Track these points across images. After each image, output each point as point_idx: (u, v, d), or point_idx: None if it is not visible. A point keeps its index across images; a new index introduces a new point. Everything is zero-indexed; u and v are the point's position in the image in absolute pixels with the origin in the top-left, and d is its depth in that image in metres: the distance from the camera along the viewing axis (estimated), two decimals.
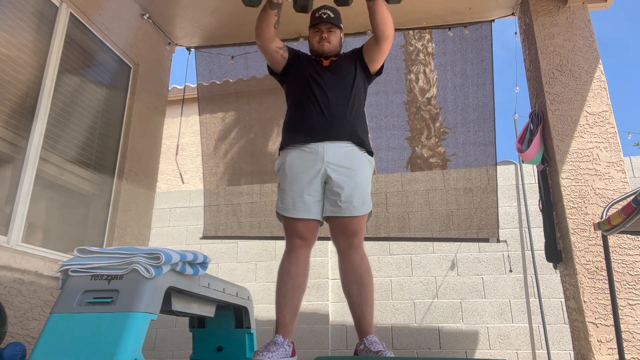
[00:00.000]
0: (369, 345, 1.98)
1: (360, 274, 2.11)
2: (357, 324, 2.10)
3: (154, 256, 1.60)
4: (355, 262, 2.13)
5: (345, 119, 2.22)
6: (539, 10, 3.46)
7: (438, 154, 4.68)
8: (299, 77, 2.33)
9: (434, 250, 4.73)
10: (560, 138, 3.13)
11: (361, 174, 2.19)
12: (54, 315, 1.54)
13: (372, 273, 2.16)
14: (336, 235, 2.18)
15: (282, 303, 2.08)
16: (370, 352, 1.95)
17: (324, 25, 2.39)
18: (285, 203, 2.17)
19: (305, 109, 2.25)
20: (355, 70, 2.35)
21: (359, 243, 2.16)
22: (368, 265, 2.16)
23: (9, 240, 2.63)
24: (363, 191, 2.18)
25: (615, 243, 2.85)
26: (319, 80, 2.28)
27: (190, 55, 4.38)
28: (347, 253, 2.15)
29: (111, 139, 3.57)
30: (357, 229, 2.15)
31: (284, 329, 2.05)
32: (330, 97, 2.24)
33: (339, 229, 2.16)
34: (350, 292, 2.12)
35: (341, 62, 2.37)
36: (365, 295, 2.09)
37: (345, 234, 2.15)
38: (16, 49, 2.79)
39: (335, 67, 2.33)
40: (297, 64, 2.38)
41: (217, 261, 5.14)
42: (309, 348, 4.58)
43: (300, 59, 2.40)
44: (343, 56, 2.41)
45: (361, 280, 2.10)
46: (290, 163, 2.20)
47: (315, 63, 2.36)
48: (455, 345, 4.44)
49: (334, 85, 2.27)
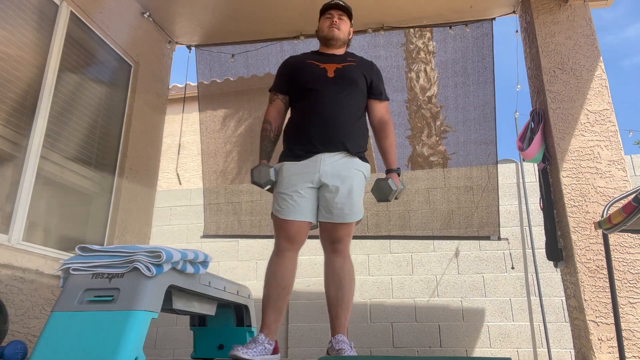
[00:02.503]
0: (335, 344, 2.06)
1: (340, 276, 2.17)
2: (331, 323, 2.17)
3: (155, 255, 1.60)
4: (337, 265, 2.19)
5: (346, 131, 2.22)
6: (540, 8, 3.45)
7: (439, 152, 4.67)
8: (301, 88, 2.32)
9: (434, 249, 4.73)
10: (561, 136, 3.13)
11: (354, 183, 2.20)
12: (55, 313, 1.54)
13: (353, 277, 2.22)
14: (323, 239, 2.24)
15: (267, 304, 2.14)
16: (334, 351, 2.02)
17: (336, 11, 2.41)
18: (279, 204, 2.20)
19: (306, 123, 2.25)
20: (361, 81, 2.34)
21: (344, 249, 2.21)
22: (350, 269, 2.20)
23: (10, 238, 2.63)
24: (355, 199, 2.20)
25: (616, 241, 2.85)
26: (321, 92, 2.25)
27: (191, 54, 4.38)
28: (331, 256, 2.22)
29: (112, 138, 3.58)
30: (344, 235, 2.20)
31: (267, 329, 2.10)
32: (331, 110, 2.22)
33: (326, 233, 2.21)
34: (329, 292, 2.19)
35: (349, 70, 2.33)
36: (341, 297, 2.15)
37: (331, 239, 2.20)
38: (17, 47, 2.79)
39: (341, 76, 2.30)
40: (296, 76, 2.35)
41: (217, 260, 5.14)
42: (310, 346, 4.59)
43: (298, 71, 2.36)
44: (354, 65, 2.37)
45: (340, 282, 2.16)
46: (288, 168, 2.23)
47: (319, 72, 2.31)
48: (456, 344, 4.44)
49: (336, 97, 2.25)
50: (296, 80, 2.35)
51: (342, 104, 2.24)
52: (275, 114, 2.39)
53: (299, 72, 2.36)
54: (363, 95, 2.35)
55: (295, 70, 2.38)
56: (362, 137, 2.30)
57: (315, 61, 2.37)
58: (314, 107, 2.24)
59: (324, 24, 2.42)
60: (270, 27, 4.10)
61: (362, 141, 2.29)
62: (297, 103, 2.34)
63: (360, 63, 2.40)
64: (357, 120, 2.30)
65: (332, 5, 2.43)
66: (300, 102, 2.32)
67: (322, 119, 2.21)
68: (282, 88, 2.41)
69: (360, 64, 2.40)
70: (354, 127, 2.26)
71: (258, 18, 3.98)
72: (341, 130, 2.21)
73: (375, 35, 4.09)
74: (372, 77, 2.39)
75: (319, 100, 2.24)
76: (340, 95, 2.26)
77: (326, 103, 2.23)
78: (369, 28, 4.06)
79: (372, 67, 2.44)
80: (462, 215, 3.91)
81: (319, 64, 2.34)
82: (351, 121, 2.25)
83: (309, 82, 2.29)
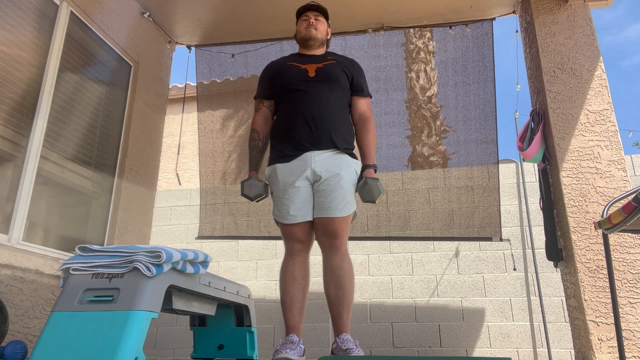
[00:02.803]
0: (340, 344, 2.04)
1: (339, 275, 2.15)
2: (334, 323, 2.16)
3: (155, 255, 1.60)
4: (335, 263, 2.17)
5: (332, 128, 2.24)
6: (540, 8, 3.45)
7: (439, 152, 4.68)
8: (285, 92, 2.34)
9: (434, 249, 4.73)
10: (561, 136, 3.13)
11: (345, 177, 2.21)
12: (55, 313, 1.54)
13: (353, 275, 2.20)
14: (319, 236, 2.22)
15: (291, 305, 2.14)
16: (340, 351, 2.01)
17: (312, 13, 2.45)
18: (281, 210, 2.21)
19: (290, 122, 2.26)
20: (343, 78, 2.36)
21: (341, 244, 2.19)
22: (349, 267, 2.19)
23: (10, 238, 2.63)
24: (346, 193, 2.20)
25: (616, 241, 2.85)
26: (305, 93, 2.27)
27: (191, 54, 4.38)
28: (329, 254, 2.20)
29: (112, 138, 3.58)
30: (339, 229, 2.18)
31: (296, 330, 2.12)
32: (315, 109, 2.24)
33: (321, 229, 2.20)
34: (329, 292, 2.17)
35: (330, 68, 2.35)
36: (342, 296, 2.14)
37: (327, 234, 2.18)
38: (17, 47, 2.79)
39: (322, 75, 2.32)
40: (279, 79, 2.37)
41: (217, 260, 5.14)
42: (310, 346, 4.59)
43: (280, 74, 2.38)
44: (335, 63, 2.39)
45: (340, 281, 2.14)
46: (281, 170, 2.24)
47: (300, 73, 2.34)
48: (456, 344, 4.44)
49: (319, 96, 2.27)
50: (279, 82, 2.37)
51: (326, 101, 2.26)
52: (262, 122, 2.41)
53: (280, 75, 2.38)
54: (346, 92, 2.36)
55: (276, 74, 2.40)
56: (349, 134, 2.32)
57: (296, 62, 2.39)
58: (298, 106, 2.26)
59: (301, 26, 2.46)
60: (270, 27, 4.11)
61: (349, 137, 2.31)
62: (281, 105, 2.35)
63: (340, 60, 2.42)
64: (343, 117, 2.31)
65: (307, 7, 2.47)
66: (284, 103, 2.33)
67: (307, 118, 2.23)
68: (266, 93, 2.43)
69: (340, 61, 2.42)
70: (340, 123, 2.28)
71: (258, 18, 3.98)
72: (328, 128, 2.23)
73: (375, 35, 4.10)
74: (354, 73, 2.41)
75: (303, 99, 2.26)
76: (324, 93, 2.27)
77: (310, 102, 2.25)
78: (369, 28, 4.07)
79: (353, 63, 2.45)
80: (463, 215, 3.90)
81: (300, 65, 2.37)
82: (337, 118, 2.27)
83: (291, 82, 2.31)
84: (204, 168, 4.38)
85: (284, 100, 2.33)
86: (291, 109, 2.28)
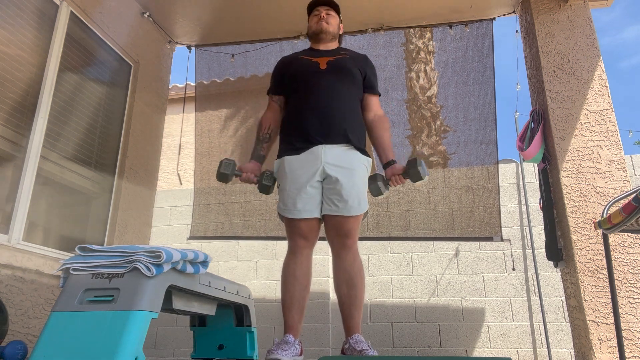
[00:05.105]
0: (353, 345, 1.99)
1: (351, 274, 2.11)
2: (345, 323, 2.12)
3: (155, 255, 1.60)
4: (347, 262, 2.12)
5: (343, 122, 2.20)
6: (540, 8, 3.45)
7: (439, 152, 4.67)
8: (295, 83, 2.32)
9: (434, 249, 4.73)
10: (561, 136, 3.13)
11: (358, 174, 2.17)
12: (55, 313, 1.54)
13: (364, 274, 2.16)
14: (330, 235, 2.17)
15: (291, 305, 2.10)
16: (354, 351, 1.97)
17: (323, 7, 2.44)
18: (286, 204, 2.16)
19: (302, 115, 2.23)
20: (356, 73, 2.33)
21: (352, 243, 2.15)
22: (360, 266, 2.15)
23: (9, 238, 2.63)
24: (359, 191, 2.16)
25: (616, 241, 2.85)
26: (316, 85, 2.25)
27: (191, 54, 4.38)
28: (340, 253, 2.15)
29: (112, 138, 3.57)
30: (351, 228, 2.14)
31: (293, 330, 2.08)
32: (327, 103, 2.21)
33: (333, 228, 2.15)
34: (340, 291, 2.13)
35: (342, 62, 2.32)
36: (354, 296, 2.10)
37: (339, 233, 2.14)
38: (17, 47, 2.79)
39: (334, 68, 2.29)
40: (290, 72, 2.36)
41: (217, 260, 5.14)
42: (310, 346, 4.59)
43: (291, 67, 2.37)
44: (347, 57, 2.36)
45: (352, 281, 2.10)
46: (289, 162, 2.19)
47: (312, 65, 2.31)
48: (456, 344, 4.44)
49: (331, 89, 2.24)
50: (289, 75, 2.35)
51: (337, 94, 2.23)
52: (270, 116, 2.40)
53: (291, 68, 2.36)
54: (357, 87, 2.33)
55: (287, 67, 2.38)
56: (361, 129, 2.28)
57: (307, 56, 2.38)
58: (309, 99, 2.23)
59: (312, 21, 2.44)
60: (270, 27, 4.11)
61: (362, 135, 2.28)
62: (292, 97, 2.33)
63: (353, 56, 2.40)
64: (354, 111, 2.28)
65: (318, 2, 2.46)
66: (294, 95, 2.31)
67: (318, 110, 2.20)
68: (277, 89, 2.42)
69: (353, 56, 2.39)
70: (352, 118, 2.24)
71: (258, 18, 3.98)
72: (339, 121, 2.19)
73: (375, 35, 4.09)
74: (367, 70, 2.38)
75: (314, 91, 2.23)
76: (335, 86, 2.24)
77: (321, 94, 2.22)
78: (369, 28, 4.07)
79: (366, 60, 2.43)
80: (464, 215, 3.90)
81: (311, 58, 2.35)
82: (348, 112, 2.23)
83: (302, 74, 2.29)
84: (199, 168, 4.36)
85: (295, 92, 2.31)
86: (301, 102, 2.25)
